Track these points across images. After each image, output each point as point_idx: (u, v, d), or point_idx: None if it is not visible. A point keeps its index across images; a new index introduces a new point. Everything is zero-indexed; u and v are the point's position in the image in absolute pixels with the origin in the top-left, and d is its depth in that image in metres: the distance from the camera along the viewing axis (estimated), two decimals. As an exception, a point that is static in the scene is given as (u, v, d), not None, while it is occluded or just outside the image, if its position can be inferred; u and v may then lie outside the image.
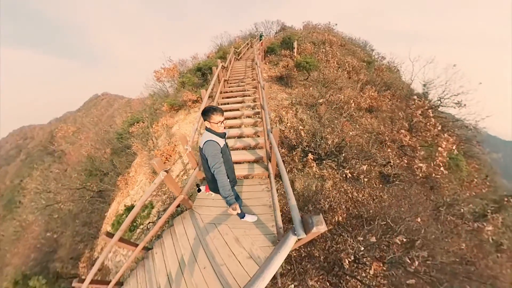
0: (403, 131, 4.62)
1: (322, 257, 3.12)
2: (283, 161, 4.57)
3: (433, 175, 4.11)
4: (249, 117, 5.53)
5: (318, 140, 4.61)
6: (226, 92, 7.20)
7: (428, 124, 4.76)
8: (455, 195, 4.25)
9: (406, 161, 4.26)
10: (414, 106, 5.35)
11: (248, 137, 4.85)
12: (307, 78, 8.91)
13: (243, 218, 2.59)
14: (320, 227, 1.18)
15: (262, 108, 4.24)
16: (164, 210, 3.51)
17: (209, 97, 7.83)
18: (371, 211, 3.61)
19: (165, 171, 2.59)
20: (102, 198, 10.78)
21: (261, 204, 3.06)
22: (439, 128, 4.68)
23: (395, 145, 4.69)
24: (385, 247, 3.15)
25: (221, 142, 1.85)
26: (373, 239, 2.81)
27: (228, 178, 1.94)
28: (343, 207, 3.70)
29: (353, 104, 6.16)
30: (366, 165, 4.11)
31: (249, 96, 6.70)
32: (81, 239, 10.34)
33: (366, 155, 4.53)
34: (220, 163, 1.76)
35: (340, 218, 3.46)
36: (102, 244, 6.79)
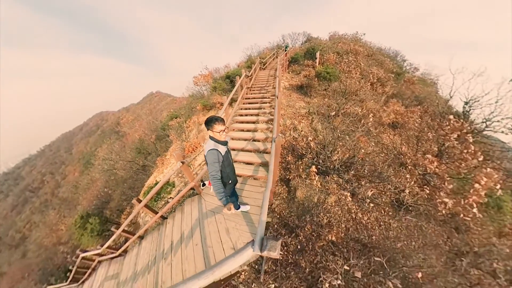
0: (429, 156, 3.52)
1: (307, 269, 2.71)
2: (288, 168, 4.24)
3: (461, 215, 2.95)
4: (263, 122, 5.30)
5: (327, 152, 3.98)
6: (248, 98, 7.03)
7: (465, 151, 3.47)
8: (488, 245, 2.98)
9: (427, 191, 3.22)
10: (449, 127, 4.00)
11: (259, 141, 4.62)
12: (326, 88, 8.00)
13: (238, 209, 2.65)
14: (271, 253, 1.09)
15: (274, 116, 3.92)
16: (180, 191, 3.81)
17: (232, 101, 7.78)
18: (373, 237, 2.90)
19: (181, 162, 3.00)
20: (144, 171, 12.35)
21: (257, 205, 2.94)
22: (480, 159, 3.37)
23: (418, 170, 3.62)
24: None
25: (223, 149, 1.85)
26: (358, 275, 2.17)
27: (229, 178, 2.05)
28: (343, 226, 3.08)
29: (371, 118, 5.15)
30: (374, 189, 3.29)
31: (267, 103, 6.40)
32: (126, 198, 12.05)
33: (380, 176, 3.66)
34: (217, 171, 1.75)
35: (334, 238, 2.88)
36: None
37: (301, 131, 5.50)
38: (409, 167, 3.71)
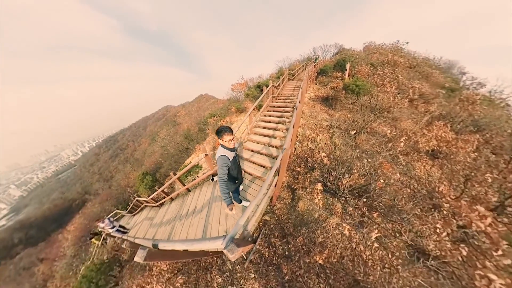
0: (481, 208, 2.09)
1: (287, 277, 2.35)
2: (296, 177, 3.73)
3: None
4: (282, 130, 4.89)
5: (339, 171, 3.21)
6: (273, 106, 6.63)
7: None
8: None
9: (464, 253, 1.95)
10: (523, 170, 2.42)
11: (274, 147, 4.29)
12: (354, 102, 6.62)
13: (240, 203, 2.72)
14: (228, 254, 1.07)
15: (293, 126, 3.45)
16: (204, 174, 4.27)
17: (259, 107, 7.48)
18: (371, 277, 2.13)
19: (205, 154, 3.36)
20: (186, 152, 14.34)
21: (257, 204, 2.86)
22: None
23: (456, 220, 2.31)
24: None
25: (231, 155, 1.89)
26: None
27: (236, 179, 2.18)
28: (338, 252, 2.44)
29: (403, 142, 3.87)
30: (382, 233, 2.37)
31: (289, 112, 5.84)
32: (171, 168, 14.26)
33: (399, 214, 2.64)
34: (224, 174, 1.78)
35: (322, 261, 2.33)
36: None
37: (319, 143, 4.73)
38: (444, 212, 2.42)
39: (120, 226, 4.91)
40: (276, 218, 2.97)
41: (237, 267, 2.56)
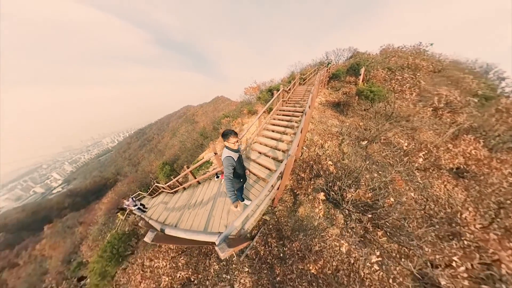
0: None
1: (278, 278, 2.24)
2: (300, 182, 3.46)
3: None
4: (290, 134, 4.70)
5: (345, 182, 2.91)
6: (283, 110, 6.37)
7: None
8: None
9: None
10: None
11: (280, 151, 4.15)
12: (368, 109, 6.00)
13: (243, 201, 2.73)
14: (219, 251, 1.09)
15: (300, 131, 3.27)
16: (213, 169, 4.45)
17: (268, 111, 7.32)
18: None
19: (214, 153, 3.43)
20: (201, 148, 15.14)
21: (257, 204, 2.82)
22: None
23: (480, 255, 1.78)
24: None
25: (235, 155, 1.94)
26: None
27: (240, 177, 2.20)
28: (334, 264, 2.21)
29: (422, 158, 3.33)
30: (377, 255, 2.02)
31: (298, 117, 5.55)
32: (186, 161, 15.11)
33: (408, 236, 2.21)
34: (230, 173, 1.81)
35: (315, 271, 2.15)
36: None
37: (327, 150, 4.42)
38: (466, 243, 1.92)
39: (141, 204, 5.42)
40: (276, 219, 2.91)
41: (233, 259, 2.57)
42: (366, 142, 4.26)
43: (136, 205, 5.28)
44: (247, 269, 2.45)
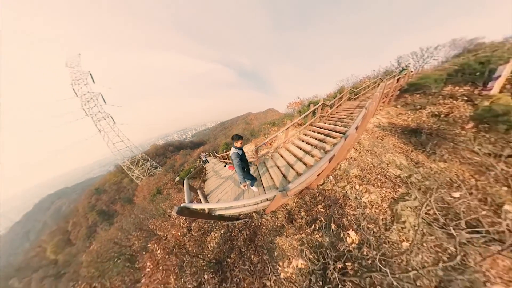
0: None
1: (230, 261, 2.05)
2: (299, 215, 2.38)
3: None
4: (312, 156, 3.02)
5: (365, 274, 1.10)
6: (320, 127, 4.31)
7: None
8: None
9: None
10: None
11: (295, 171, 2.72)
12: (499, 154, 2.16)
13: (252, 186, 2.66)
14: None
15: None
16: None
17: (299, 124, 5.67)
18: None
19: (255, 148, 3.57)
20: (247, 142, 16.72)
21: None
22: None
23: None
24: None
25: (240, 152, 2.12)
26: None
27: (246, 167, 2.27)
28: None
29: None
30: None
31: (335, 138, 3.45)
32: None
33: None
34: (238, 162, 2.03)
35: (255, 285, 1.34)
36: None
37: (364, 198, 2.34)
38: None
39: (206, 159, 7.85)
40: (259, 223, 2.57)
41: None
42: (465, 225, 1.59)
43: (205, 158, 7.83)
44: (218, 234, 2.50)
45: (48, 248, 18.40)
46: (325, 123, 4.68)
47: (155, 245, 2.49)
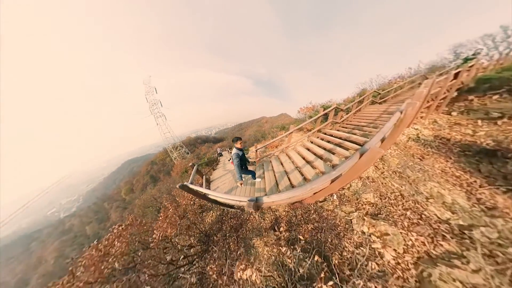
0: None
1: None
2: (286, 229, 1.96)
3: None
4: (318, 170, 2.30)
5: None
6: (331, 134, 3.34)
7: None
8: None
9: None
10: None
11: (289, 182, 2.24)
12: None
13: (255, 179, 2.70)
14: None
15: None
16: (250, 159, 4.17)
17: (308, 130, 4.86)
18: None
19: (259, 147, 3.53)
20: (258, 141, 16.71)
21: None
22: None
23: None
24: None
25: (240, 152, 2.22)
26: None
27: (245, 165, 2.42)
28: None
29: None
30: None
31: (347, 149, 2.60)
32: (251, 144, 16.93)
33: None
34: (237, 162, 2.14)
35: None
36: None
37: (379, 236, 1.45)
38: None
39: (221, 152, 8.00)
40: (247, 218, 2.61)
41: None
42: None
43: (220, 151, 8.15)
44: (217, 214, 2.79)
45: (122, 190, 29.58)
46: (338, 130, 3.72)
47: (170, 205, 2.91)
